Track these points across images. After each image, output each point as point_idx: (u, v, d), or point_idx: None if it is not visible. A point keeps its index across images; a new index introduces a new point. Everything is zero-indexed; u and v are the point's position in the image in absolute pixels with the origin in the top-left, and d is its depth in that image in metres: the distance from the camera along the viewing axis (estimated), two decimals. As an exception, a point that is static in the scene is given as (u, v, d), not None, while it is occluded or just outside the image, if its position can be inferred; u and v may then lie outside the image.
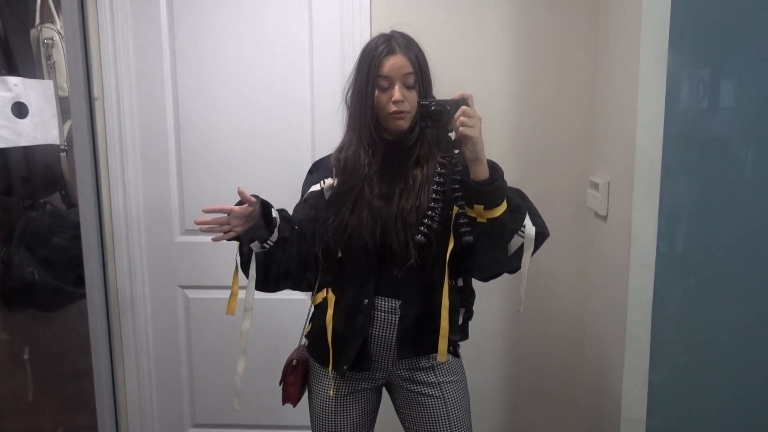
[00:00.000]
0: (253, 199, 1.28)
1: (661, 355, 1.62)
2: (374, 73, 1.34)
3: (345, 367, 1.41)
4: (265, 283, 1.41)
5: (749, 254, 1.56)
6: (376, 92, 1.35)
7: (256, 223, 1.30)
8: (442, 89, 1.45)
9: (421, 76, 1.36)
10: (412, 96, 1.35)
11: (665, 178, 1.55)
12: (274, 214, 1.36)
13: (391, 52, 1.34)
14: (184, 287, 2.26)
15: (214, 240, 1.29)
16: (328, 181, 1.43)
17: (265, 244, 1.33)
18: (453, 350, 1.46)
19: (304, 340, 1.56)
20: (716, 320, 1.61)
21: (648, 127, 1.54)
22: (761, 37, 1.49)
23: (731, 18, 1.51)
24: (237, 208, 1.27)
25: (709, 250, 1.61)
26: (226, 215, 1.26)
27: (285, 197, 1.51)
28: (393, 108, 1.33)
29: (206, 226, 1.26)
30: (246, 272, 1.38)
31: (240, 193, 1.27)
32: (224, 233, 1.28)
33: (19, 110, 1.74)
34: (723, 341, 1.61)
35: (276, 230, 1.34)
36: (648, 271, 1.59)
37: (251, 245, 1.33)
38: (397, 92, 1.33)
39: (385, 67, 1.33)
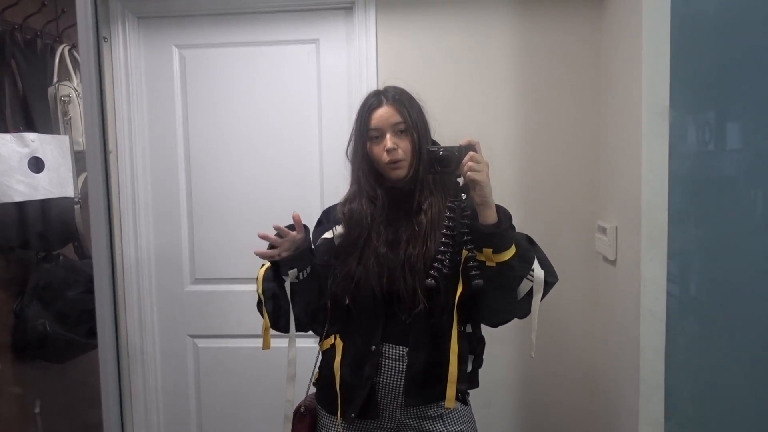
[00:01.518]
0: (304, 228, 1.40)
1: (676, 404, 1.59)
2: (365, 127, 1.40)
3: (353, 415, 1.40)
4: (278, 320, 1.44)
5: (761, 296, 1.55)
6: (368, 144, 1.40)
7: (302, 252, 1.40)
8: (449, 137, 1.48)
9: (413, 123, 1.39)
10: (405, 143, 1.39)
11: (673, 222, 1.55)
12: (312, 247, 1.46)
13: (379, 105, 1.40)
14: (194, 337, 2.25)
15: (258, 255, 1.39)
16: (339, 228, 1.46)
17: (300, 274, 1.40)
18: (462, 398, 1.44)
19: (312, 388, 1.55)
20: (730, 366, 1.58)
21: (652, 172, 1.55)
22: (764, 78, 1.51)
23: (734, 60, 1.54)
24: (292, 233, 1.38)
25: (720, 294, 1.59)
26: (280, 238, 1.38)
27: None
28: (387, 158, 1.37)
29: (263, 250, 1.40)
30: (263, 309, 1.43)
31: (295, 218, 1.39)
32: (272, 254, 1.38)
33: (36, 165, 1.79)
34: (738, 388, 1.57)
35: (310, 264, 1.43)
36: (659, 317, 1.57)
37: (290, 271, 1.40)
38: (388, 141, 1.37)
39: (374, 120, 1.39)
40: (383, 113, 1.39)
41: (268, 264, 1.44)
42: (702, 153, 1.60)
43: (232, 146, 2.17)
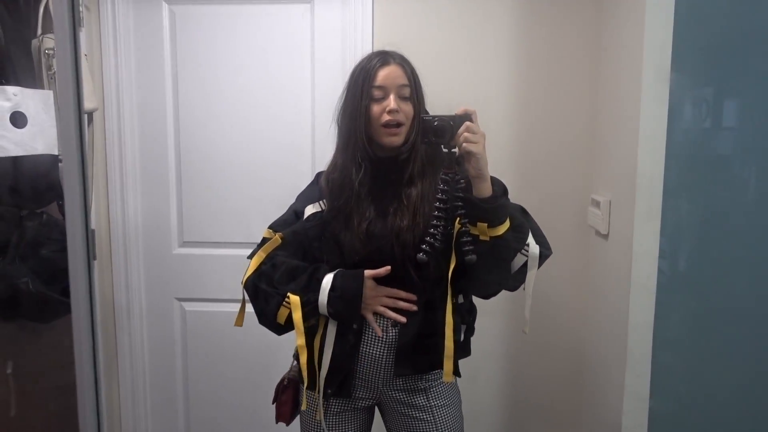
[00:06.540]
0: None
1: (662, 380, 1.59)
2: (369, 84, 1.31)
3: (329, 391, 1.38)
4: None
5: (751, 275, 1.54)
6: (369, 104, 1.32)
7: None
8: (442, 105, 1.44)
9: (415, 89, 1.34)
10: (408, 108, 1.32)
11: (667, 197, 1.53)
12: None
13: (385, 63, 1.33)
14: (181, 300, 2.24)
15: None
16: (327, 204, 1.39)
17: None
18: (455, 370, 1.43)
19: (294, 360, 1.53)
20: (719, 344, 1.58)
21: (650, 145, 1.53)
22: (762, 59, 1.48)
23: (734, 38, 1.50)
24: None
25: (711, 270, 1.58)
26: None
27: (281, 213, 1.48)
28: (387, 118, 1.30)
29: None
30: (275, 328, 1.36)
31: None
32: None
33: (18, 120, 1.74)
34: (726, 367, 1.58)
35: None
36: (649, 292, 1.56)
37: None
38: (392, 101, 1.30)
39: (380, 77, 1.31)
40: (391, 72, 1.31)
41: (297, 304, 1.30)
42: (699, 129, 1.58)
43: (223, 107, 2.12)
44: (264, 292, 1.32)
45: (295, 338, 1.31)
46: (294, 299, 1.29)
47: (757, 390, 1.54)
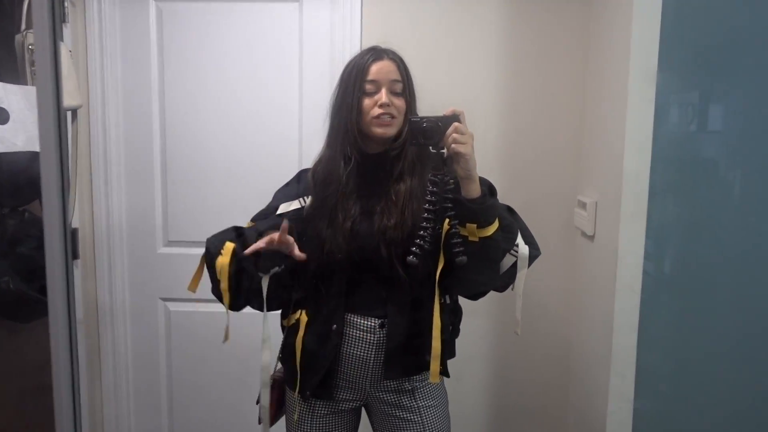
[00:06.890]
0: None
1: (647, 381, 1.60)
2: (361, 79, 1.31)
3: (308, 393, 1.37)
4: (237, 301, 1.34)
5: (736, 277, 1.55)
6: (361, 98, 1.31)
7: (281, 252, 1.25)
8: (429, 105, 1.43)
9: (407, 86, 1.34)
10: (399, 103, 1.32)
11: (653, 199, 1.54)
12: None
13: (378, 58, 1.33)
14: (165, 299, 2.21)
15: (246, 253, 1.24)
16: (310, 199, 1.38)
17: (278, 268, 1.29)
18: (443, 370, 1.42)
19: (278, 362, 1.52)
20: (703, 346, 1.59)
21: (636, 147, 1.53)
22: (749, 62, 1.49)
23: (720, 43, 1.51)
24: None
25: (696, 272, 1.59)
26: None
27: (268, 210, 1.47)
28: (379, 111, 1.30)
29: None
30: (221, 294, 1.33)
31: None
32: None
33: (0, 116, 1.71)
34: (710, 368, 1.59)
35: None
36: (634, 294, 1.57)
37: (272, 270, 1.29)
38: (383, 95, 1.30)
39: (372, 71, 1.31)
40: (383, 66, 1.32)
41: (230, 249, 1.28)
42: (685, 132, 1.59)
43: (209, 105, 2.10)
44: (209, 242, 1.34)
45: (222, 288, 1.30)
46: (228, 246, 1.28)
47: (740, 390, 1.55)
